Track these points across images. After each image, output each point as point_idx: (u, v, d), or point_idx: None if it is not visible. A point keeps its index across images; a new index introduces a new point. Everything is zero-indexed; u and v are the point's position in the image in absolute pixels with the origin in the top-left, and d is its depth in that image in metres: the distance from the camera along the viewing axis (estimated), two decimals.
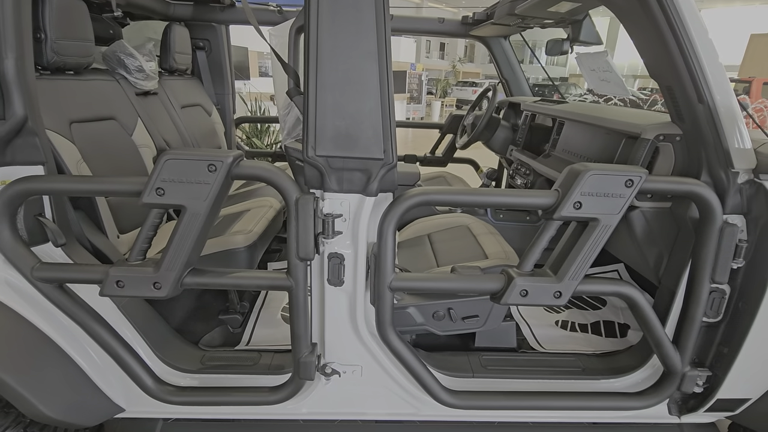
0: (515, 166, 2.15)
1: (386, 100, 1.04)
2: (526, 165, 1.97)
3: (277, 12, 2.32)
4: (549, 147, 1.80)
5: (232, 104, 2.65)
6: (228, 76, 2.55)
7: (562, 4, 1.41)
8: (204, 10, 2.31)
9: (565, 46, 1.78)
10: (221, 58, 2.48)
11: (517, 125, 2.25)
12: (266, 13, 2.30)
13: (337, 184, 1.10)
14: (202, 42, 2.41)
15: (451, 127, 2.77)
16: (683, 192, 1.09)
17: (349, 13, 1.00)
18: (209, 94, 2.52)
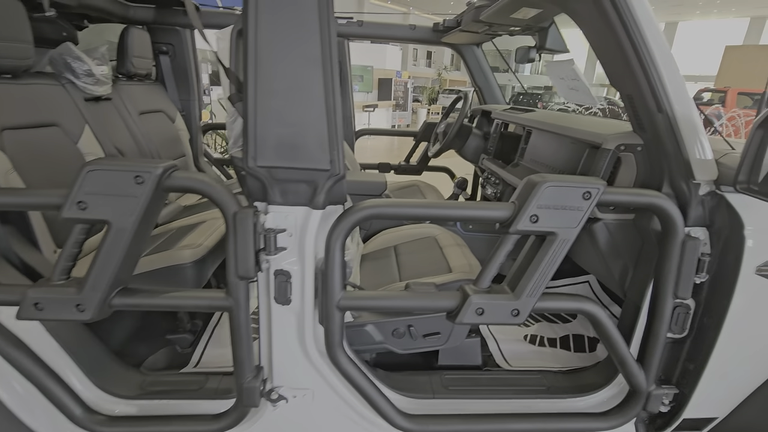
0: (486, 175, 2.10)
1: (332, 107, 0.98)
2: (496, 174, 1.93)
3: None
4: (518, 156, 1.76)
5: (198, 110, 2.56)
6: (193, 81, 2.47)
7: (525, 11, 1.37)
8: (166, 13, 2.23)
9: (532, 54, 1.75)
10: (186, 63, 2.40)
11: (489, 134, 2.22)
12: (225, 16, 2.23)
13: (282, 197, 1.03)
14: (165, 46, 2.33)
15: (425, 135, 2.72)
16: (643, 204, 1.05)
17: (291, 17, 0.94)
18: (173, 100, 2.43)
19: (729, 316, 1.10)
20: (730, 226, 1.07)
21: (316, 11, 0.94)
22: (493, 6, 1.41)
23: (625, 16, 0.97)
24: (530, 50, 1.75)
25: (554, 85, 1.79)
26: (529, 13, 1.37)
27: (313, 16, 0.94)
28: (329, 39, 0.95)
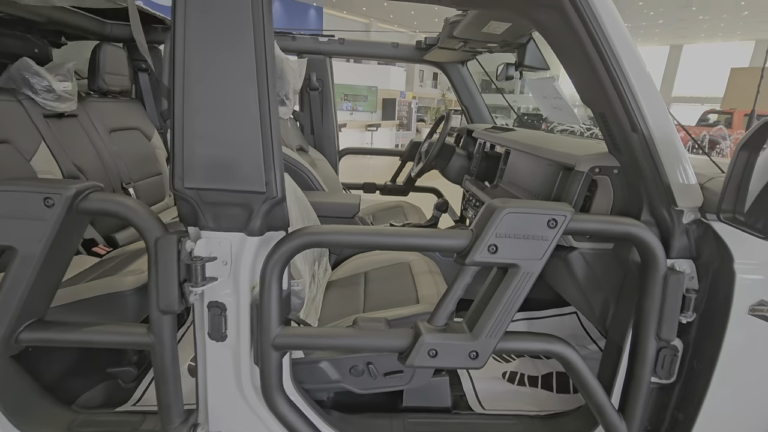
0: (467, 196, 2.00)
1: (268, 125, 0.90)
2: (476, 196, 1.83)
3: None
4: (497, 177, 1.66)
5: None
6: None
7: (495, 26, 1.29)
8: (144, 30, 2.20)
9: (510, 71, 1.67)
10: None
11: (471, 155, 2.12)
12: None
13: (214, 221, 0.94)
14: (144, 63, 2.29)
15: (411, 155, 2.64)
16: (619, 233, 0.94)
17: (222, 27, 0.86)
18: (152, 118, 2.38)
19: (721, 360, 0.97)
20: (719, 258, 0.95)
21: (250, 22, 0.86)
22: (463, 21, 1.33)
23: (592, 26, 0.88)
24: (509, 67, 1.67)
25: (538, 104, 1.70)
26: (500, 27, 1.29)
27: (247, 27, 0.86)
28: (265, 51, 0.88)
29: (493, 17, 1.19)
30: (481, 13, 1.19)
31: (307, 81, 2.37)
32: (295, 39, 2.28)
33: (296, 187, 1.65)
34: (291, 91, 2.06)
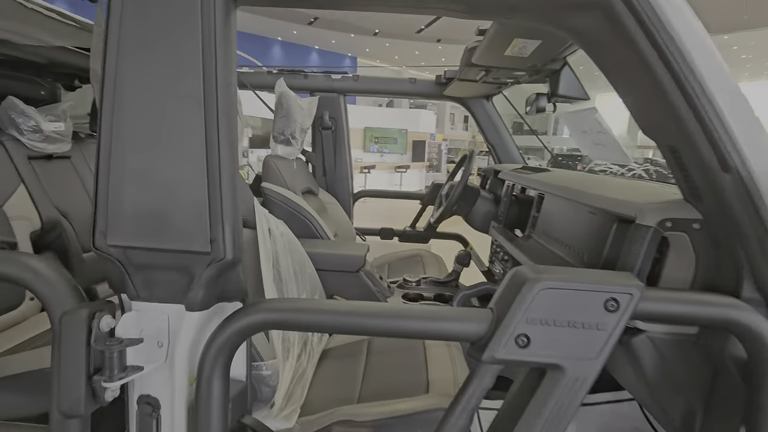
0: (494, 248, 1.72)
1: (216, 165, 0.69)
2: (504, 248, 1.54)
3: None
4: (528, 227, 1.38)
5: None
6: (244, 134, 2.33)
7: (522, 46, 1.07)
8: None
9: (542, 103, 1.43)
10: None
11: (499, 198, 1.86)
12: (262, 76, 2.12)
13: (146, 289, 0.72)
14: None
15: (432, 198, 2.40)
16: (712, 319, 0.64)
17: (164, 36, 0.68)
18: None
19: None
20: None
21: (197, 35, 0.68)
22: (482, 43, 1.13)
23: (653, 29, 0.64)
24: (540, 98, 1.43)
25: (576, 141, 1.44)
26: (526, 47, 1.07)
27: (193, 41, 0.68)
28: (216, 71, 0.68)
29: (517, 33, 0.97)
30: (502, 31, 0.98)
31: (320, 120, 2.22)
32: (307, 77, 2.16)
33: (291, 237, 1.44)
34: (298, 130, 1.90)
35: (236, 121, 0.78)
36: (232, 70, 0.74)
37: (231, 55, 0.72)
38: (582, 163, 16.52)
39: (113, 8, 0.69)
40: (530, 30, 0.95)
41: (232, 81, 0.73)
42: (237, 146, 0.80)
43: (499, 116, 2.15)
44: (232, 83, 0.74)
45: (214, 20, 0.69)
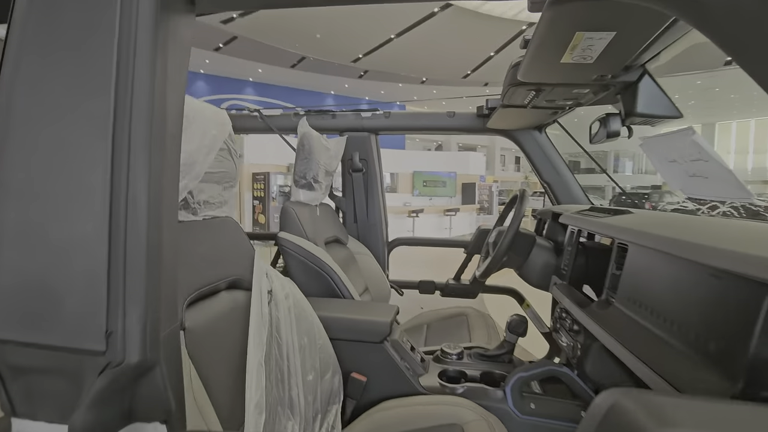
0: (559, 312, 1.34)
1: (122, 222, 0.47)
2: (572, 315, 1.18)
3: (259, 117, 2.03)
4: (606, 289, 1.02)
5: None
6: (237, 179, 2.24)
7: (586, 46, 0.79)
8: None
9: (614, 126, 1.11)
10: None
11: (560, 247, 1.50)
12: (288, 118, 2.02)
13: (27, 403, 0.49)
14: None
15: (477, 246, 2.07)
16: None
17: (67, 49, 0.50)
18: None
19: None
20: None
21: (111, 50, 0.49)
22: (530, 48, 0.86)
23: None
24: (611, 120, 1.11)
25: (660, 173, 1.10)
26: (593, 48, 0.78)
27: (105, 56, 0.49)
28: (131, 90, 0.48)
29: (580, 23, 0.69)
30: (558, 20, 0.71)
31: (350, 162, 2.03)
32: (335, 116, 2.00)
33: (300, 299, 1.18)
34: (322, 172, 1.70)
35: (175, 163, 0.56)
36: (178, 94, 0.53)
37: (173, 74, 0.52)
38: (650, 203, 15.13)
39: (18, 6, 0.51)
40: (598, 16, 0.66)
41: (170, 110, 0.52)
42: (175, 197, 0.57)
43: (555, 149, 1.83)
44: (170, 113, 0.52)
45: (136, 28, 0.49)
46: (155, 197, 0.50)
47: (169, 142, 0.54)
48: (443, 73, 15.28)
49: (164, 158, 0.53)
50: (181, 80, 0.59)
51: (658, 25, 0.73)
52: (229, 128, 0.99)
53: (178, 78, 0.58)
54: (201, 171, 0.85)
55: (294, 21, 11.03)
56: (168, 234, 0.53)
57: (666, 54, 0.96)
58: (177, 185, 0.58)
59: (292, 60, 14.18)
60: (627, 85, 1.01)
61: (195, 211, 0.89)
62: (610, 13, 0.66)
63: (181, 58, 0.59)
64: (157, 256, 0.50)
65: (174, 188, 0.57)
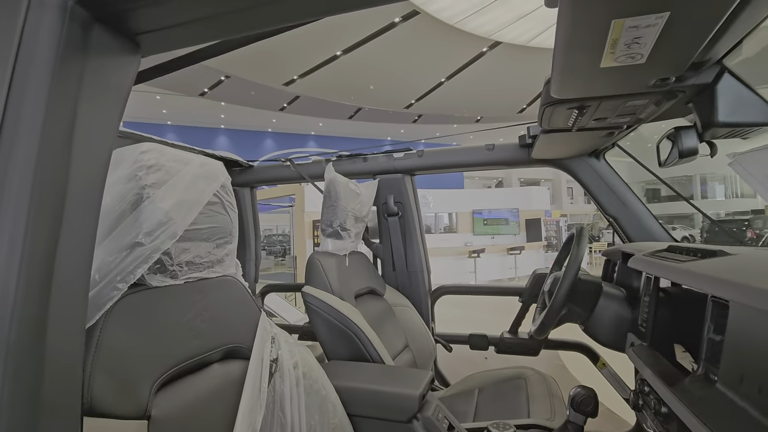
0: (640, 384, 1.03)
1: None
2: (657, 393, 0.88)
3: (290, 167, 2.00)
4: (704, 361, 0.74)
5: (254, 270, 2.25)
6: (252, 240, 2.22)
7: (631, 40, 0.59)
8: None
9: (689, 143, 0.87)
10: (244, 223, 2.18)
11: (636, 295, 1.21)
12: (317, 165, 1.99)
13: None
14: None
15: (534, 293, 1.78)
16: None
17: None
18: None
19: None
20: None
21: None
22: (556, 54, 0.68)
23: None
24: (682, 136, 0.87)
25: (762, 194, 0.84)
26: (641, 40, 0.58)
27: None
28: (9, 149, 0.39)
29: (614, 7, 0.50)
30: (583, 16, 0.53)
31: (384, 206, 1.90)
32: (367, 160, 1.91)
33: (312, 368, 1.02)
34: (350, 219, 1.59)
35: (87, 235, 0.45)
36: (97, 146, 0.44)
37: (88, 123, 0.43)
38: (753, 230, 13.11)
39: None
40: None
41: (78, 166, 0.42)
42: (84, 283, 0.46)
43: (618, 177, 1.56)
44: (77, 170, 0.43)
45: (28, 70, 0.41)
46: (37, 280, 0.39)
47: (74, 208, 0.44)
48: (498, 110, 15.10)
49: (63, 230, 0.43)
50: (105, 131, 0.50)
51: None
52: (223, 180, 0.91)
53: (102, 129, 0.49)
54: (179, 230, 0.76)
55: (348, 76, 11.67)
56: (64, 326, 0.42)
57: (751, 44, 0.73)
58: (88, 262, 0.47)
59: (349, 112, 14.92)
60: (700, 89, 0.78)
61: (174, 274, 0.79)
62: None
63: (109, 107, 0.50)
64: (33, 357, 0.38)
65: (82, 266, 0.46)
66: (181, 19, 0.52)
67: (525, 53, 10.82)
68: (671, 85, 0.78)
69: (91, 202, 0.47)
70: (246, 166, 2.11)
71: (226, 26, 0.55)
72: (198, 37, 0.57)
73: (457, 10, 8.89)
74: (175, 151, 0.82)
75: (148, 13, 0.50)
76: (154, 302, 0.74)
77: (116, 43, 0.52)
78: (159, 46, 0.59)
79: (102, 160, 0.49)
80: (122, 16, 0.50)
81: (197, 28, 0.55)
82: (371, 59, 10.62)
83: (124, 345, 0.67)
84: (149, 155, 0.76)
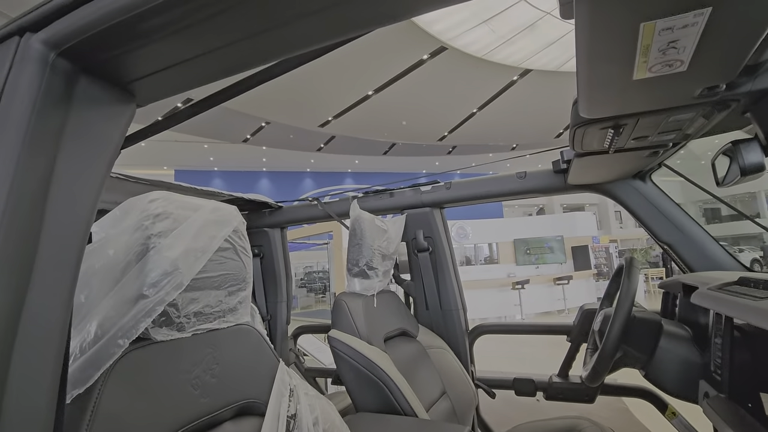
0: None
1: None
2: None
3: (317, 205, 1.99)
4: None
5: (286, 313, 2.21)
6: (282, 281, 2.20)
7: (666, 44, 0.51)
8: (256, 216, 2.16)
9: (752, 157, 0.75)
10: (275, 264, 2.18)
11: (705, 334, 1.04)
12: (343, 203, 1.98)
13: None
14: (256, 249, 2.19)
15: (584, 331, 1.61)
16: None
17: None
18: (260, 304, 2.16)
19: None
20: None
21: None
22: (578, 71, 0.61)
23: None
24: (743, 150, 0.75)
25: None
26: (678, 44, 0.49)
27: None
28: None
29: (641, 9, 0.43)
30: (604, 23, 0.46)
31: (413, 242, 1.83)
32: (393, 195, 1.86)
33: (337, 423, 0.94)
34: (377, 257, 1.53)
35: (64, 299, 0.42)
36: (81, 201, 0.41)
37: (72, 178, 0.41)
38: None
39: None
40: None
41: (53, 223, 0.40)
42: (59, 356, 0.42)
43: (669, 199, 1.40)
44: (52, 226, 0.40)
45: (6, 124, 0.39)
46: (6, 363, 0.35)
47: (45, 265, 0.41)
48: (534, 136, 14.84)
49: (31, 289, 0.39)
50: (90, 183, 0.47)
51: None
52: (236, 224, 0.88)
53: (86, 180, 0.47)
54: (185, 279, 0.73)
55: (381, 113, 11.97)
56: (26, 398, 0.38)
57: None
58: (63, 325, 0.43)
59: (383, 148, 15.20)
60: (759, 96, 0.68)
61: (181, 326, 0.75)
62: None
63: (95, 158, 0.48)
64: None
65: (58, 335, 0.42)
66: (177, 58, 0.49)
67: (557, 78, 10.69)
68: (722, 94, 0.67)
69: (68, 260, 0.44)
70: (275, 207, 2.12)
71: (225, 63, 0.53)
72: (197, 78, 0.55)
73: (484, 44, 9.00)
74: (185, 198, 0.81)
75: (137, 56, 0.48)
76: (158, 358, 0.70)
77: (105, 93, 0.51)
78: (156, 92, 0.57)
79: (84, 214, 0.47)
80: (111, 64, 0.49)
81: (195, 68, 0.52)
82: (403, 96, 10.87)
83: (125, 407, 0.62)
84: (156, 204, 0.74)
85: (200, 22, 0.42)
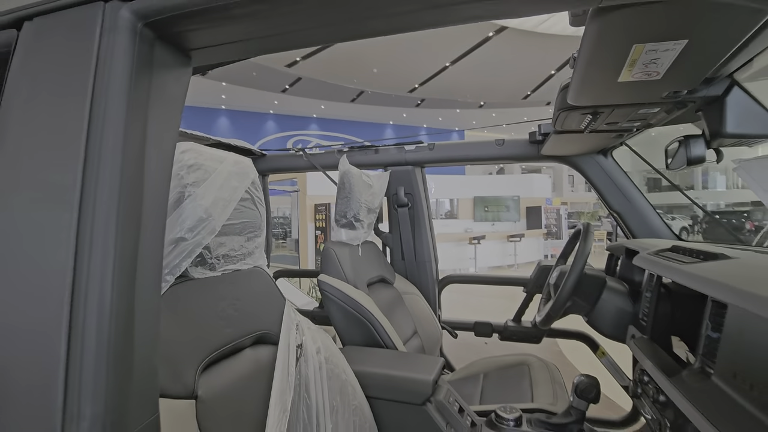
0: (640, 373, 1.11)
1: (82, 308, 0.42)
2: (655, 382, 0.95)
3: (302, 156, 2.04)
4: (699, 354, 0.81)
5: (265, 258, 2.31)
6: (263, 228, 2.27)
7: (649, 61, 0.63)
8: None
9: (697, 150, 0.92)
10: None
11: (638, 289, 1.27)
12: (330, 156, 2.03)
13: None
14: None
15: (539, 284, 1.85)
16: None
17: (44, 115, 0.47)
18: None
19: None
20: None
21: (84, 109, 0.45)
22: (577, 68, 0.72)
23: None
24: (692, 143, 0.92)
25: (765, 201, 0.89)
26: (658, 61, 0.62)
27: (79, 115, 0.45)
28: (99, 161, 0.44)
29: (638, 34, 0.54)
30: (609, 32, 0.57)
31: (395, 197, 1.95)
32: (378, 152, 1.95)
33: (333, 353, 1.09)
34: (363, 210, 1.64)
35: (157, 233, 0.51)
36: (163, 154, 0.49)
37: (158, 133, 0.48)
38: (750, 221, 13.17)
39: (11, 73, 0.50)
40: (661, 23, 0.52)
41: (150, 173, 0.48)
42: (157, 273, 0.51)
43: (624, 174, 1.61)
44: (150, 176, 0.48)
45: (107, 91, 0.45)
46: (126, 277, 0.45)
47: (148, 211, 0.49)
48: (502, 96, 14.99)
49: (142, 230, 0.48)
50: (169, 138, 0.55)
51: (746, 28, 0.57)
52: (253, 176, 0.96)
53: (166, 136, 0.54)
54: (217, 226, 0.81)
55: (352, 59, 11.54)
56: (145, 317, 0.48)
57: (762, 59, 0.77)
58: (160, 258, 0.52)
59: (351, 95, 14.79)
60: (710, 101, 0.83)
61: (213, 266, 0.85)
62: (678, 18, 0.52)
63: (170, 116, 0.55)
64: (126, 346, 0.44)
65: (156, 262, 0.51)
66: (229, 39, 0.56)
67: (532, 39, 10.69)
68: (683, 97, 0.82)
69: (161, 200, 0.53)
70: (259, 155, 2.15)
71: (267, 46, 0.60)
72: (242, 53, 0.62)
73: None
74: (211, 150, 0.87)
75: (200, 33, 0.55)
76: (195, 293, 0.80)
77: (174, 58, 0.57)
78: (208, 59, 0.63)
79: (168, 161, 0.54)
80: (179, 36, 0.55)
81: (242, 46, 0.59)
82: (376, 42, 10.50)
83: (173, 332, 0.73)
84: (189, 155, 0.81)
85: (255, 18, 0.50)
